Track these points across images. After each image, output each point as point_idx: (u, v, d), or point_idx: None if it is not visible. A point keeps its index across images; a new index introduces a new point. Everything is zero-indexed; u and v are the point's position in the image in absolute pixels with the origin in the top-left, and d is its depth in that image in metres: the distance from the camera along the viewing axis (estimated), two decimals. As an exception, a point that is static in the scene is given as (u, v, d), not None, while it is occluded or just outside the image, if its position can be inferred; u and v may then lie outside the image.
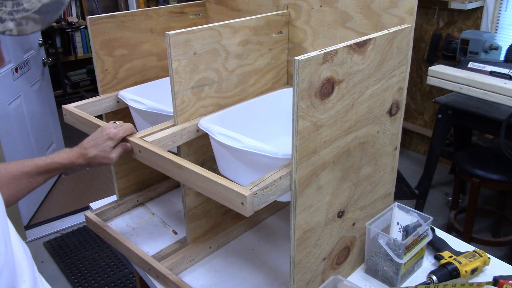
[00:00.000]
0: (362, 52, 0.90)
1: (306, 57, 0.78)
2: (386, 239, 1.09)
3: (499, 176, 2.25)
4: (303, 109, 0.81)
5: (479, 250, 1.18)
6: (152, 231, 1.40)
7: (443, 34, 3.30)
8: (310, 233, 0.95)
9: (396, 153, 1.16)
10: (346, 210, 1.04)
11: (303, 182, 0.89)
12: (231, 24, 1.17)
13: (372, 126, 1.03)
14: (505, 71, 2.35)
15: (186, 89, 1.12)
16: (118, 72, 1.37)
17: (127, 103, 1.29)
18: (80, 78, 4.95)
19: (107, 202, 1.49)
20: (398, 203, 1.20)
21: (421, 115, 3.61)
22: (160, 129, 1.12)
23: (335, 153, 0.94)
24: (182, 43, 1.07)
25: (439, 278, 1.11)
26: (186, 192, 1.17)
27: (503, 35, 3.09)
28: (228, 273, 1.21)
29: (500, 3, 3.04)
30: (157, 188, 1.57)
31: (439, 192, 3.17)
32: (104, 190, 3.23)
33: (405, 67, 1.07)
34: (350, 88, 0.91)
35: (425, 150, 3.59)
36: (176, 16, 1.47)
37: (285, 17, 1.32)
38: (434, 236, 1.23)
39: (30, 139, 2.95)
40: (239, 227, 1.35)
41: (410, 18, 1.03)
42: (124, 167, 1.48)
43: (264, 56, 1.30)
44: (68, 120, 1.28)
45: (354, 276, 1.17)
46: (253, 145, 0.97)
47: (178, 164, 0.95)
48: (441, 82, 2.50)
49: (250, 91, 1.30)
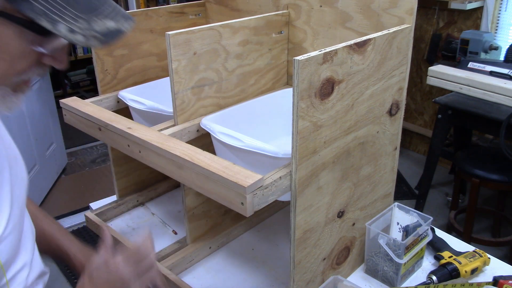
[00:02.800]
0: (362, 52, 0.90)
1: (306, 57, 0.78)
2: (386, 239, 1.09)
3: (499, 176, 2.25)
4: (303, 109, 0.81)
5: (479, 250, 1.18)
6: (152, 231, 1.39)
7: (443, 34, 3.30)
8: (310, 233, 0.95)
9: (396, 153, 1.16)
10: (346, 210, 1.04)
11: (303, 182, 0.89)
12: (231, 24, 1.17)
13: (372, 126, 1.03)
14: (505, 71, 2.35)
15: (186, 89, 1.12)
16: (118, 72, 1.37)
17: (127, 103, 1.29)
18: (80, 78, 4.95)
19: (107, 202, 1.49)
20: (398, 203, 1.20)
21: (421, 115, 3.61)
22: (160, 129, 1.12)
23: (335, 153, 0.94)
24: (182, 43, 1.07)
25: (439, 278, 1.11)
26: (186, 192, 1.17)
27: (503, 35, 3.09)
28: (228, 273, 1.21)
29: (500, 3, 3.04)
30: (157, 188, 1.57)
31: (439, 192, 3.17)
32: (104, 190, 3.23)
33: (405, 67, 1.07)
34: (350, 88, 0.91)
35: (425, 150, 3.58)
36: (176, 16, 1.47)
37: (285, 17, 1.32)
38: (434, 236, 1.23)
39: (30, 139, 2.95)
40: (239, 227, 1.35)
41: (410, 18, 1.03)
42: (124, 167, 1.48)
43: (264, 56, 1.30)
44: (68, 120, 1.28)
45: (354, 276, 1.17)
46: (254, 145, 0.97)
47: (178, 164, 0.95)
48: (441, 82, 2.50)
49: (250, 91, 1.30)
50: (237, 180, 0.82)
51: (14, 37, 0.63)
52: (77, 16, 0.62)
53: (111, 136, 1.13)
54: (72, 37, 0.62)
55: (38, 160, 3.04)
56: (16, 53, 0.65)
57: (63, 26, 0.61)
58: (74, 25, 0.62)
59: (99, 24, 0.64)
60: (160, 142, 0.99)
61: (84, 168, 3.63)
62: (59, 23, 0.61)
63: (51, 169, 3.29)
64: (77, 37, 0.62)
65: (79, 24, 0.62)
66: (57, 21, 0.61)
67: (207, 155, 0.92)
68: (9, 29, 0.62)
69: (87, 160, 3.75)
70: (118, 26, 0.67)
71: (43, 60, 0.69)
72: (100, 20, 0.65)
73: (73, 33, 0.62)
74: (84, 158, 3.80)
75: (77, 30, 0.62)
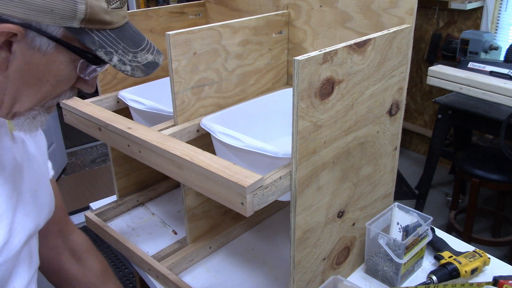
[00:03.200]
0: (362, 52, 0.90)
1: (306, 57, 0.78)
2: (386, 239, 1.09)
3: (499, 176, 2.25)
4: (303, 109, 0.81)
5: (479, 250, 1.18)
6: (152, 231, 1.40)
7: (443, 34, 3.30)
8: (310, 233, 0.95)
9: (396, 153, 1.16)
10: (346, 210, 1.05)
11: (303, 182, 0.89)
12: (231, 24, 1.17)
13: (372, 126, 1.03)
14: (505, 71, 2.35)
15: (186, 89, 1.12)
16: (118, 72, 1.37)
17: (127, 103, 1.29)
18: (80, 78, 4.95)
19: (107, 202, 1.49)
20: (398, 203, 1.20)
21: (421, 115, 3.61)
22: (160, 129, 1.12)
23: (335, 153, 0.94)
24: (182, 43, 1.07)
25: (439, 278, 1.11)
26: (186, 192, 1.17)
27: (503, 35, 3.09)
28: (228, 273, 1.21)
29: (500, 3, 3.04)
30: (157, 188, 1.57)
31: (439, 192, 3.17)
32: (104, 190, 3.23)
33: (405, 67, 1.07)
34: (350, 88, 0.91)
35: (425, 150, 3.59)
36: (176, 16, 1.47)
37: (285, 17, 1.32)
38: (434, 236, 1.23)
39: (30, 139, 2.95)
40: (239, 227, 1.35)
41: (410, 18, 1.03)
42: (124, 167, 1.48)
43: (264, 56, 1.30)
44: (68, 120, 1.28)
45: (354, 276, 1.17)
46: (254, 145, 0.97)
47: (178, 164, 0.95)
48: (441, 82, 2.50)
49: (250, 91, 1.30)
50: (237, 180, 0.82)
51: (67, 64, 0.70)
52: (126, 50, 0.72)
53: (111, 136, 1.13)
54: (122, 67, 0.71)
55: (38, 160, 3.04)
56: (63, 79, 0.71)
57: (116, 58, 0.70)
58: (125, 57, 0.71)
59: (142, 57, 0.74)
60: (160, 142, 0.99)
61: (84, 168, 3.63)
62: (114, 56, 0.70)
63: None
64: (126, 68, 0.71)
65: (128, 56, 0.72)
66: (112, 54, 0.70)
67: (207, 155, 0.92)
68: (65, 56, 0.69)
69: (87, 160, 3.75)
70: (155, 59, 0.77)
71: (77, 84, 0.76)
72: (142, 54, 0.75)
73: (124, 64, 0.71)
74: (84, 158, 3.80)
75: (126, 62, 0.72)
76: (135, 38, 0.75)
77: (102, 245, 2.64)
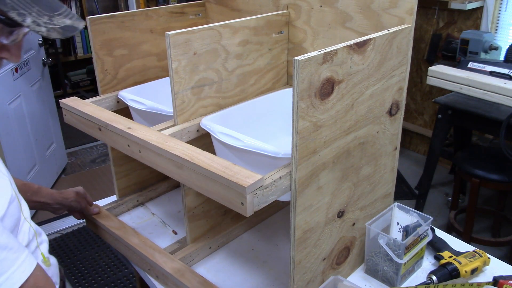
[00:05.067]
0: (362, 52, 0.90)
1: (306, 57, 0.78)
2: (386, 239, 1.09)
3: (499, 176, 2.25)
4: (303, 109, 0.81)
5: (479, 250, 1.18)
6: (152, 231, 1.40)
7: (443, 34, 3.30)
8: (310, 233, 0.95)
9: (396, 153, 1.16)
10: (346, 210, 1.04)
11: (303, 182, 0.89)
12: (231, 24, 1.17)
13: (372, 126, 1.03)
14: (505, 71, 2.35)
15: (186, 89, 1.12)
16: (118, 72, 1.37)
17: (127, 103, 1.29)
18: (80, 78, 4.95)
19: (107, 202, 1.49)
20: (398, 203, 1.20)
21: (421, 115, 3.61)
22: (160, 129, 1.12)
23: (335, 153, 0.94)
24: (182, 43, 1.07)
25: (439, 278, 1.11)
26: (186, 192, 1.17)
27: (503, 35, 3.09)
28: (228, 273, 1.21)
29: (500, 3, 3.04)
30: (157, 188, 1.57)
31: (439, 192, 3.17)
32: (104, 190, 3.23)
33: (405, 67, 1.07)
34: (350, 88, 0.91)
35: (425, 150, 3.59)
36: (176, 16, 1.47)
37: (285, 17, 1.32)
38: (434, 236, 1.23)
39: (30, 139, 2.95)
40: (239, 227, 1.35)
41: (410, 18, 1.03)
42: (124, 167, 1.48)
43: (264, 56, 1.30)
44: (68, 120, 1.28)
45: (354, 276, 1.17)
46: (254, 145, 0.97)
47: (178, 164, 0.95)
48: (441, 82, 2.50)
49: (250, 91, 1.30)
50: (237, 180, 0.82)
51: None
52: (41, 12, 0.76)
53: (111, 136, 1.13)
54: (36, 28, 0.74)
55: (38, 160, 3.04)
56: None
57: (30, 19, 0.73)
58: (39, 19, 0.75)
59: (59, 21, 0.78)
60: (160, 142, 0.99)
61: (84, 168, 3.63)
62: (27, 17, 0.73)
63: (51, 169, 3.29)
64: (41, 29, 0.75)
65: (43, 19, 0.75)
66: (25, 15, 0.73)
67: (207, 155, 0.92)
68: None
69: (87, 160, 3.75)
70: (74, 24, 0.81)
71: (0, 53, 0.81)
72: (59, 18, 0.79)
73: (38, 25, 0.74)
74: (84, 158, 3.80)
75: (41, 23, 0.75)
76: (52, 3, 0.79)
77: (102, 245, 2.64)
